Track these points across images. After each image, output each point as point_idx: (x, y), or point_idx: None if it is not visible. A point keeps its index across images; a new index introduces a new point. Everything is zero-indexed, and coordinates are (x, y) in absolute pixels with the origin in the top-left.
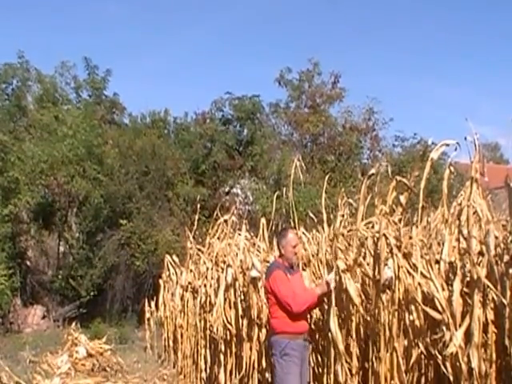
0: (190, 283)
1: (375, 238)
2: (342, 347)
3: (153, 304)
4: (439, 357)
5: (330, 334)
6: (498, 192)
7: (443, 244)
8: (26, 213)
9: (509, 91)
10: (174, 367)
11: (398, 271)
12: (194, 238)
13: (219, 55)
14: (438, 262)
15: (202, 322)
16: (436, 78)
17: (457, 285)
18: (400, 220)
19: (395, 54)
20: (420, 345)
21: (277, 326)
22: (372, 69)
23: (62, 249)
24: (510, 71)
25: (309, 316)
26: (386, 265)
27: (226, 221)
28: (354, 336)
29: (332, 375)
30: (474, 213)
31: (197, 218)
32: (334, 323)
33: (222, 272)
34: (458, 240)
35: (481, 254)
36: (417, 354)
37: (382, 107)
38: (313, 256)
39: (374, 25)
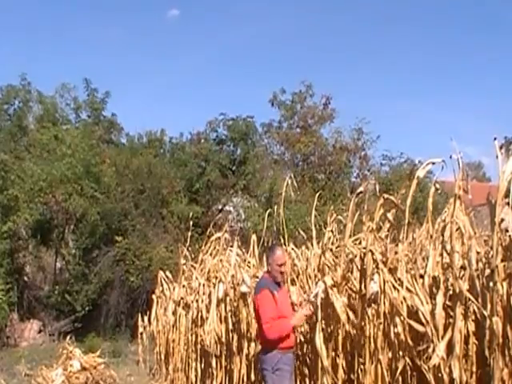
0: (182, 298)
1: (362, 254)
2: (326, 363)
3: (146, 319)
4: (425, 367)
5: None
6: (481, 209)
7: (427, 259)
8: (25, 229)
9: (492, 112)
10: (165, 380)
11: (384, 286)
12: (187, 254)
13: (214, 77)
14: (422, 276)
15: (194, 336)
16: (422, 100)
17: (440, 298)
18: (386, 236)
19: (383, 77)
20: (404, 357)
21: (269, 341)
22: (361, 91)
23: (58, 265)
24: (493, 93)
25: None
26: (372, 279)
27: (218, 238)
28: (340, 349)
29: None
30: (457, 229)
31: (190, 235)
32: (319, 339)
33: (214, 287)
34: (441, 255)
35: (463, 268)
36: (401, 365)
37: (371, 127)
38: (302, 271)
39: (363, 49)
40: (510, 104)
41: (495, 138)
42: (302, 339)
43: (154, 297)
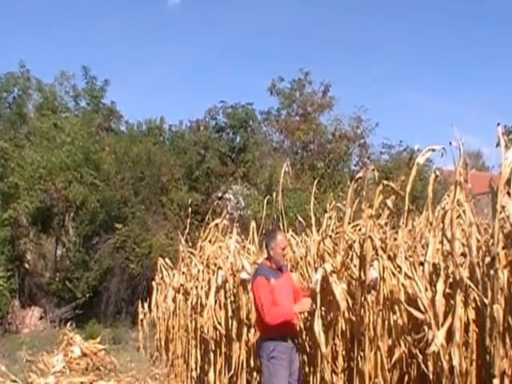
0: (181, 285)
1: (361, 240)
2: (324, 350)
3: (146, 305)
4: (420, 356)
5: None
6: (480, 198)
7: (427, 246)
8: (25, 217)
9: (493, 103)
10: (165, 367)
11: (383, 272)
12: (186, 241)
13: (214, 66)
14: (422, 263)
15: (193, 322)
16: (422, 89)
17: (440, 285)
18: (386, 223)
19: (383, 66)
20: (403, 344)
21: (265, 329)
22: (360, 79)
23: (59, 252)
24: (495, 84)
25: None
26: (371, 266)
27: (217, 225)
28: (339, 336)
29: (318, 374)
30: (457, 216)
31: (190, 222)
32: (318, 326)
33: (213, 274)
34: (441, 242)
35: (463, 255)
36: (400, 352)
37: (370, 115)
38: (301, 258)
39: (362, 37)
40: (511, 94)
41: (498, 124)
42: (302, 326)
43: (153, 284)
